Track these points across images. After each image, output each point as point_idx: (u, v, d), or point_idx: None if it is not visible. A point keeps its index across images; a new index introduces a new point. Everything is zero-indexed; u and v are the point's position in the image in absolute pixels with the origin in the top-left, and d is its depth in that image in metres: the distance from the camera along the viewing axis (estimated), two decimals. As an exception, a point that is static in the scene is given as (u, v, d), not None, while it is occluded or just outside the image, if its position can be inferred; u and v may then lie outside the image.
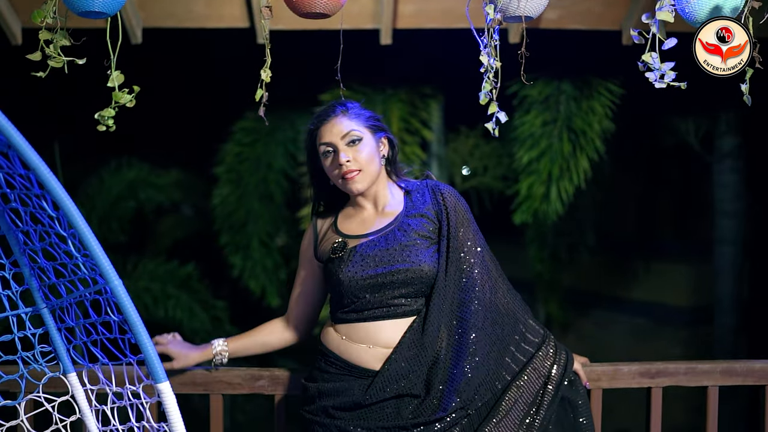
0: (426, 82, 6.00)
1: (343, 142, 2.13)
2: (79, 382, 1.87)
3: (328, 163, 2.15)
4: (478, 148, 7.24)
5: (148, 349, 1.48)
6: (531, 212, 5.63)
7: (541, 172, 5.51)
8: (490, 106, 2.21)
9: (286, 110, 6.28)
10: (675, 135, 6.71)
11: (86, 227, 1.43)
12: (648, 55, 2.17)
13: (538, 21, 3.78)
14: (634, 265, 8.14)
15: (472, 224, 2.17)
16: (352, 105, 2.22)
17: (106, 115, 2.25)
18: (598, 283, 8.29)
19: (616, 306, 8.23)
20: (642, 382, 2.41)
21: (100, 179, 6.76)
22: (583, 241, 7.71)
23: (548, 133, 5.51)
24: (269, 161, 6.42)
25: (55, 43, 2.04)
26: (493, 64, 2.18)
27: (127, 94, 2.25)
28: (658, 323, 7.91)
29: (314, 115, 2.24)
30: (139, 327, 1.46)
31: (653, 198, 8.22)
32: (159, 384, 1.51)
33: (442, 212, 2.15)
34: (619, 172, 6.54)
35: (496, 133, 2.21)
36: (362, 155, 2.13)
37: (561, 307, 8.03)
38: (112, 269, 1.46)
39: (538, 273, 7.59)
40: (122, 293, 1.45)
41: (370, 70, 5.86)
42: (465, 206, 2.19)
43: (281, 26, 3.87)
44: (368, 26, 3.89)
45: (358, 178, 2.12)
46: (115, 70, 2.24)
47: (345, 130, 2.14)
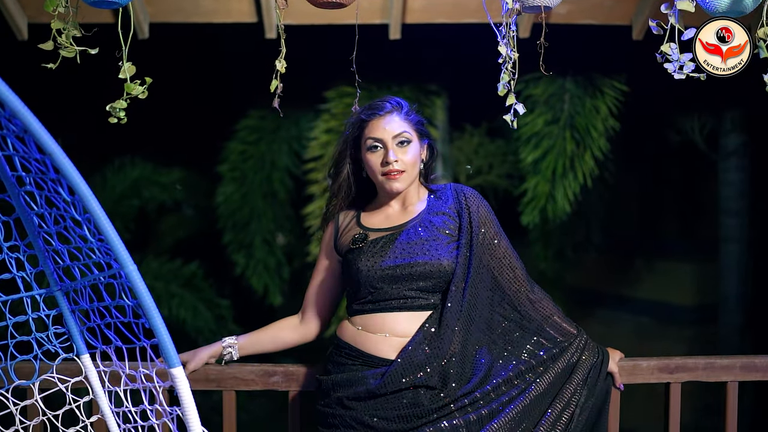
0: (431, 80, 5.98)
1: (394, 141, 2.15)
2: (92, 363, 1.87)
3: (373, 157, 2.17)
4: (483, 147, 7.22)
5: (162, 333, 1.47)
6: (538, 212, 5.60)
7: (546, 172, 5.50)
8: (509, 98, 2.19)
9: (290, 108, 6.25)
10: (680, 133, 6.68)
11: (102, 212, 1.41)
12: (667, 46, 2.15)
13: (548, 15, 3.75)
14: (638, 264, 8.11)
15: (495, 225, 2.19)
16: (405, 104, 2.22)
17: (118, 107, 2.23)
18: (602, 281, 8.27)
19: (620, 305, 8.20)
20: (661, 377, 2.39)
21: (103, 178, 6.73)
22: (587, 239, 7.68)
23: (552, 132, 5.50)
24: (273, 159, 6.40)
25: (67, 32, 2.01)
26: (511, 55, 2.16)
27: (139, 86, 2.23)
28: (662, 322, 7.88)
29: (366, 105, 2.24)
30: (153, 312, 1.45)
31: (658, 196, 8.20)
32: (172, 369, 1.50)
33: (463, 211, 2.17)
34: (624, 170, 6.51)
35: (515, 125, 2.20)
36: (408, 157, 2.16)
37: (565, 305, 8.00)
38: (127, 254, 1.45)
39: (542, 272, 7.57)
40: (137, 278, 1.44)
41: (377, 67, 5.84)
42: (488, 207, 2.22)
43: (290, 21, 3.85)
44: (377, 21, 3.86)
45: (400, 178, 2.15)
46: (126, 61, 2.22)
47: (398, 130, 2.16)
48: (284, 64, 2.14)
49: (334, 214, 2.29)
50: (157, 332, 1.48)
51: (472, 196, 2.20)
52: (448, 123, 6.59)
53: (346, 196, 2.26)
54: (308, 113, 6.02)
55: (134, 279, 1.46)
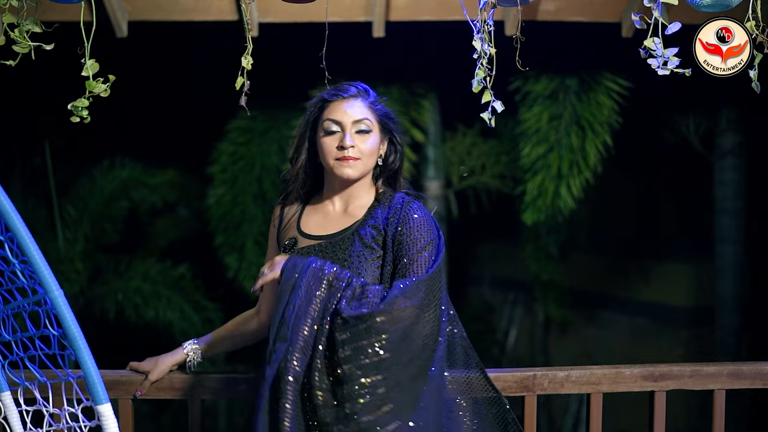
0: (420, 79, 5.90)
1: (353, 127, 2.03)
2: (13, 403, 1.72)
3: (328, 139, 2.05)
4: (476, 147, 7.14)
5: (89, 366, 1.38)
6: (544, 210, 5.52)
7: (551, 168, 5.41)
8: (485, 95, 2.10)
9: (279, 108, 6.18)
10: (675, 132, 6.61)
11: (25, 230, 1.32)
12: (650, 41, 2.07)
13: (535, 12, 3.68)
14: (633, 265, 8.03)
15: (427, 249, 1.99)
16: (373, 93, 2.11)
17: (80, 105, 2.16)
18: (595, 282, 8.20)
19: (615, 306, 8.12)
20: (645, 385, 2.31)
21: (92, 179, 6.66)
22: (580, 240, 7.61)
23: (555, 128, 5.41)
24: (263, 161, 6.33)
25: (21, 27, 1.93)
26: (487, 50, 2.07)
27: (102, 84, 2.15)
28: (658, 323, 7.81)
29: (331, 87, 2.12)
30: (79, 342, 1.35)
31: (653, 196, 8.12)
32: (99, 406, 1.41)
33: (397, 229, 1.99)
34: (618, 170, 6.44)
35: (492, 123, 2.12)
36: (366, 147, 2.04)
37: (559, 307, 7.94)
38: (52, 277, 1.35)
39: (535, 273, 7.50)
40: (62, 304, 1.35)
41: (363, 66, 5.76)
42: (428, 228, 2.01)
43: (270, 18, 3.77)
44: (360, 18, 3.78)
45: (354, 164, 2.02)
46: (89, 58, 2.14)
47: (359, 116, 2.04)
48: (250, 61, 2.06)
49: (285, 202, 2.17)
50: (83, 365, 1.38)
51: (414, 213, 2.02)
52: (441, 123, 6.51)
53: (303, 184, 2.14)
54: (298, 113, 5.94)
55: (59, 305, 1.38)
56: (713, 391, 2.34)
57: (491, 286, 8.78)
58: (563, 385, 2.26)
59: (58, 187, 6.74)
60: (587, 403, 2.29)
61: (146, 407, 6.44)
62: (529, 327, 8.47)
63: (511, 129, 6.72)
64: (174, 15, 3.76)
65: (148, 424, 6.64)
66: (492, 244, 8.47)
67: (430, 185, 6.62)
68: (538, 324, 8.37)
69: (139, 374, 2.20)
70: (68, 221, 6.64)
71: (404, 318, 1.83)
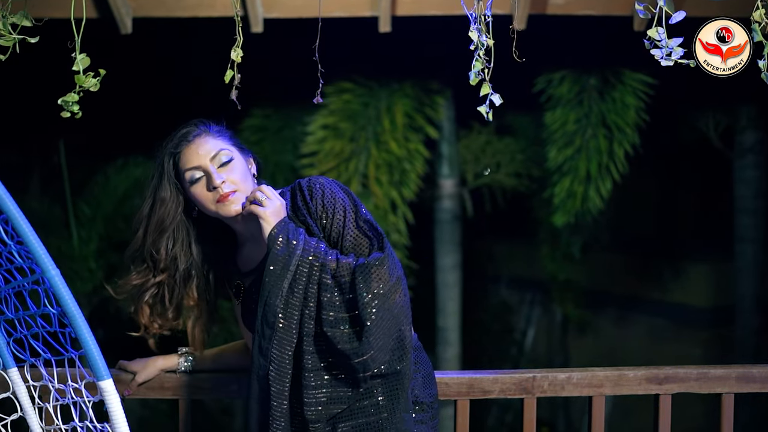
0: (433, 76, 5.84)
1: (214, 164, 1.89)
2: (21, 378, 1.74)
3: (198, 189, 1.89)
4: (491, 145, 7.08)
5: (89, 343, 1.37)
6: (573, 212, 5.45)
7: (579, 171, 5.34)
8: (483, 87, 2.04)
9: (292, 107, 6.15)
10: (694, 130, 6.51)
11: (18, 212, 1.32)
12: (654, 30, 2.00)
13: (545, 6, 3.60)
14: (652, 264, 7.93)
15: (348, 213, 1.87)
16: (211, 123, 1.98)
17: (70, 100, 2.11)
18: (614, 282, 8.10)
19: (634, 306, 8.02)
20: (649, 388, 2.22)
21: (106, 177, 6.66)
22: (599, 240, 7.52)
23: (582, 131, 5.34)
24: (277, 159, 6.30)
25: (4, 20, 1.89)
26: (484, 41, 2.01)
27: (92, 78, 2.11)
28: (677, 324, 7.70)
29: (169, 138, 1.96)
30: (78, 320, 1.35)
31: (672, 195, 8.01)
32: (101, 382, 1.40)
33: (309, 213, 1.90)
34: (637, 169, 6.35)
35: (489, 117, 2.05)
36: (236, 175, 1.89)
37: (577, 307, 7.85)
38: (48, 257, 1.34)
39: (552, 272, 7.41)
40: (59, 283, 1.34)
41: (372, 63, 5.71)
42: (337, 200, 1.88)
43: (276, 14, 3.73)
44: (366, 13, 3.73)
45: (233, 198, 1.87)
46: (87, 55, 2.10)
47: (214, 150, 1.90)
48: (240, 53, 2.01)
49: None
50: (83, 342, 1.38)
51: (309, 194, 1.89)
52: (455, 121, 6.45)
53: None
54: (311, 110, 5.91)
55: (57, 285, 1.37)
56: (721, 395, 2.25)
57: (509, 286, 8.71)
58: (564, 387, 2.18)
59: (74, 185, 6.76)
60: (589, 407, 2.22)
61: (164, 405, 6.44)
62: (547, 327, 8.39)
63: (526, 127, 6.65)
64: (178, 11, 3.73)
65: (167, 423, 6.64)
66: (509, 243, 8.40)
67: (444, 183, 6.56)
68: (556, 324, 8.30)
69: (128, 373, 2.16)
70: (82, 220, 6.66)
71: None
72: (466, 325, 6.75)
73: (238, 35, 2.03)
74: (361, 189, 5.50)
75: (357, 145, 5.56)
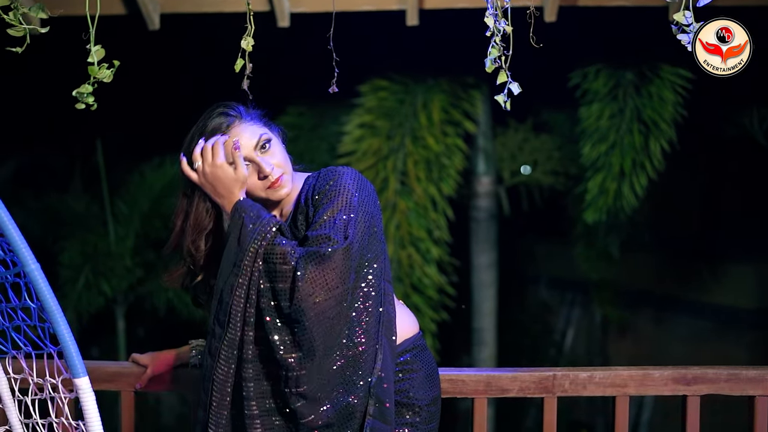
0: (469, 71, 5.77)
1: (257, 151, 1.83)
2: (2, 370, 1.73)
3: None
4: (528, 143, 6.99)
5: (66, 339, 1.35)
6: (605, 209, 5.34)
7: (613, 167, 5.23)
8: (500, 75, 1.98)
9: (326, 105, 6.13)
10: (737, 126, 6.33)
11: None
12: (680, 14, 1.92)
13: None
14: (694, 264, 7.75)
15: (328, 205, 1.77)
16: (239, 106, 1.92)
17: (84, 91, 2.09)
18: (655, 282, 7.93)
19: (674, 307, 7.85)
20: (676, 389, 2.12)
21: (142, 176, 6.72)
22: (639, 238, 7.37)
23: (616, 126, 5.23)
24: (312, 157, 6.28)
25: (15, 10, 1.88)
26: (501, 27, 1.94)
27: (106, 69, 2.09)
28: (720, 325, 7.51)
29: (199, 131, 1.87)
30: (56, 316, 1.32)
31: (714, 193, 7.82)
32: (76, 379, 1.38)
33: (310, 205, 1.83)
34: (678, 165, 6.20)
35: (507, 106, 1.99)
36: (278, 157, 1.84)
37: (616, 307, 7.71)
38: (28, 251, 1.32)
39: (590, 272, 7.29)
40: (39, 278, 1.32)
41: (410, 59, 5.66)
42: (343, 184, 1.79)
43: (303, 8, 3.69)
44: (393, 7, 3.66)
45: (283, 181, 1.83)
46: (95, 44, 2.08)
47: (254, 137, 1.83)
48: (250, 42, 1.97)
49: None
50: (60, 338, 1.36)
51: (320, 178, 1.82)
52: (491, 117, 6.37)
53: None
54: (345, 108, 5.88)
55: (36, 279, 1.35)
56: (754, 397, 2.15)
57: (548, 286, 8.60)
58: (586, 386, 2.10)
59: (111, 184, 6.83)
60: (612, 407, 2.13)
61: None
62: (587, 328, 8.26)
63: (563, 124, 6.54)
64: (205, 7, 3.70)
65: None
66: (546, 242, 8.29)
67: (480, 181, 6.49)
68: (596, 325, 8.16)
69: (140, 366, 2.14)
70: (119, 218, 6.72)
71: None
72: (503, 326, 6.67)
73: (249, 24, 1.99)
74: (399, 186, 5.46)
75: (394, 142, 5.52)
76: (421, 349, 1.92)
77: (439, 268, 5.49)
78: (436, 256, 5.45)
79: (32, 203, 6.75)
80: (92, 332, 6.85)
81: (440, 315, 5.54)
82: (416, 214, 5.44)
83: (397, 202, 5.40)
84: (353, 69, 5.57)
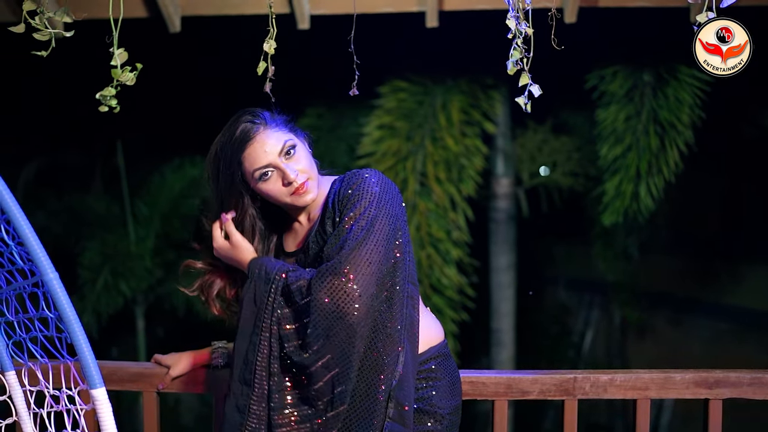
0: (488, 72, 5.76)
1: (282, 158, 1.84)
2: (18, 382, 1.71)
3: (269, 185, 1.85)
4: (547, 144, 6.96)
5: (83, 350, 1.34)
6: (622, 211, 5.31)
7: (629, 169, 5.20)
8: (522, 77, 1.97)
9: (345, 106, 6.13)
10: (757, 128, 6.29)
11: (19, 212, 1.28)
12: (703, 15, 1.91)
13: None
14: (713, 266, 7.70)
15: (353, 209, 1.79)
16: (264, 112, 1.92)
17: (107, 94, 2.11)
18: (675, 284, 7.88)
19: (694, 309, 7.80)
20: (698, 392, 2.11)
21: (162, 177, 6.75)
22: (659, 240, 7.33)
23: (633, 128, 5.20)
24: (332, 158, 6.29)
25: (41, 15, 1.90)
26: (522, 29, 1.94)
27: (129, 72, 2.11)
28: (742, 327, 7.45)
29: (225, 138, 1.89)
30: (74, 325, 1.31)
31: (733, 195, 7.76)
32: (93, 390, 1.36)
33: (336, 208, 1.84)
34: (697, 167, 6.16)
35: (528, 108, 1.98)
36: (304, 164, 1.85)
37: (635, 309, 7.67)
38: (47, 260, 1.31)
39: (609, 274, 7.25)
40: (57, 288, 1.30)
41: (429, 60, 5.65)
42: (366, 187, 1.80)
43: (323, 11, 3.71)
44: (413, 9, 3.68)
45: (308, 187, 1.84)
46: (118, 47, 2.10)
47: (279, 144, 1.84)
48: (273, 45, 1.98)
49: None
50: (78, 349, 1.35)
51: (345, 181, 1.84)
52: (510, 118, 6.36)
53: (263, 238, 1.96)
54: (364, 110, 5.89)
55: (54, 288, 1.34)
56: (777, 400, 2.14)
57: (567, 287, 8.57)
58: (606, 389, 2.09)
59: (132, 185, 6.87)
60: (633, 411, 2.12)
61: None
62: (606, 330, 8.22)
63: (582, 125, 6.51)
64: (226, 9, 3.73)
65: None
66: (566, 244, 8.26)
67: (499, 182, 6.48)
68: (615, 327, 8.12)
69: (162, 367, 2.15)
70: (140, 219, 6.76)
71: None
72: (522, 327, 6.65)
73: (272, 27, 2.01)
74: (419, 187, 5.46)
75: (413, 143, 5.51)
76: (446, 357, 1.92)
77: (458, 269, 5.49)
78: (455, 257, 5.44)
79: (54, 204, 6.80)
80: (112, 332, 6.89)
81: (460, 315, 5.54)
82: (436, 214, 5.44)
83: (416, 202, 5.40)
84: (372, 70, 5.59)
